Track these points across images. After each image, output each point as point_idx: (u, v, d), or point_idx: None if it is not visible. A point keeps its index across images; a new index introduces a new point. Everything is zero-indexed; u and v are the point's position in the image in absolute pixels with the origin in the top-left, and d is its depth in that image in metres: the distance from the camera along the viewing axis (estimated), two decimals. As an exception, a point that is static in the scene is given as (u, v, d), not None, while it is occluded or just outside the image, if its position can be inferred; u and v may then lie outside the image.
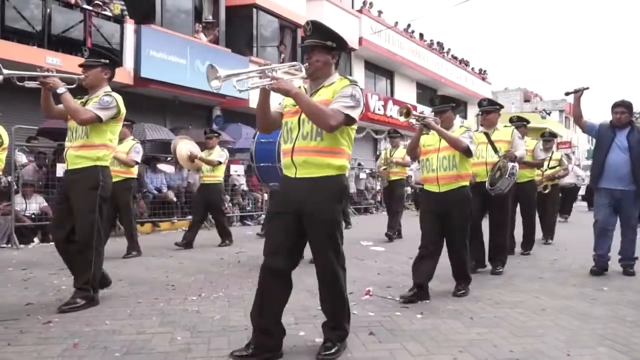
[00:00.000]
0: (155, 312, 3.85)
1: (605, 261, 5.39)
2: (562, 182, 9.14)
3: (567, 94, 5.45)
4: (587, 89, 5.30)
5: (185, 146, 7.50)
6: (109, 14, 10.69)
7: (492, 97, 34.23)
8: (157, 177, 10.59)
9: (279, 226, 2.90)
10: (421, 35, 23.77)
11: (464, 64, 27.42)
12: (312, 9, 16.13)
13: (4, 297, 4.22)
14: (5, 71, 3.65)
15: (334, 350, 2.90)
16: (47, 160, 8.95)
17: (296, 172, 2.86)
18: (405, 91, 22.66)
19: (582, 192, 17.04)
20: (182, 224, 10.33)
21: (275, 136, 4.90)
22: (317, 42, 2.88)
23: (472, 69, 28.58)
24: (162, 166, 10.58)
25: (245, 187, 12.45)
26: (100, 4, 10.57)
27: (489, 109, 5.52)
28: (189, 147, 7.50)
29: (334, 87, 2.88)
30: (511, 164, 5.07)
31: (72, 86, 4.00)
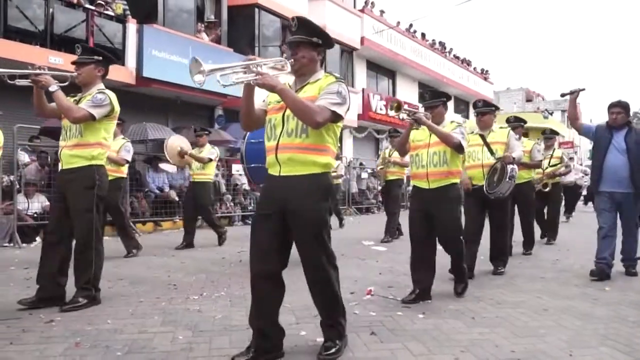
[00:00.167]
0: (157, 311, 3.86)
1: (607, 266, 5.21)
2: (563, 180, 9.06)
3: (562, 96, 5.38)
4: (583, 90, 5.22)
5: (176, 141, 7.45)
6: (111, 13, 10.72)
7: (494, 97, 34.42)
8: (159, 176, 10.60)
9: (264, 230, 2.82)
10: (423, 35, 23.77)
11: (466, 63, 27.42)
12: (314, 9, 16.14)
13: (6, 296, 4.23)
14: None
15: (334, 350, 2.88)
16: (49, 159, 8.95)
17: (280, 170, 2.81)
18: (407, 91, 22.67)
19: (584, 192, 16.56)
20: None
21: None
22: (303, 39, 2.83)
23: (474, 69, 28.59)
24: (164, 166, 10.57)
25: (247, 187, 12.44)
26: (102, 3, 10.60)
27: (484, 110, 5.39)
28: (179, 143, 7.45)
29: (319, 84, 2.83)
30: (510, 167, 4.97)
31: (65, 84, 3.92)
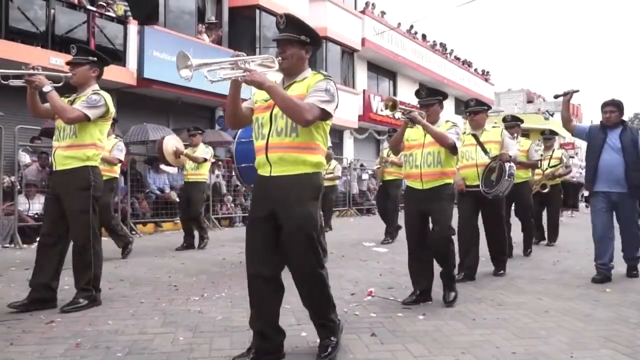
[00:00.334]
0: (157, 312, 3.86)
1: (608, 270, 5.17)
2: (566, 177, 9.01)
3: (556, 97, 5.31)
4: (576, 91, 5.18)
5: (170, 141, 7.41)
6: (112, 14, 10.74)
7: (495, 98, 34.39)
8: (159, 177, 10.61)
9: (258, 232, 2.80)
10: (424, 36, 23.78)
11: (466, 65, 27.42)
12: (315, 10, 16.16)
13: (7, 297, 4.22)
14: None
15: (330, 349, 2.86)
16: (50, 160, 8.96)
17: (271, 171, 2.77)
18: (407, 92, 22.62)
19: (585, 192, 16.62)
20: (184, 225, 10.32)
21: None
22: (290, 37, 2.80)
23: (475, 70, 28.59)
24: (164, 167, 10.59)
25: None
26: (103, 4, 10.63)
27: (477, 109, 5.28)
28: (174, 143, 7.40)
29: (307, 82, 2.79)
30: (508, 164, 4.84)
31: (59, 84, 3.90)
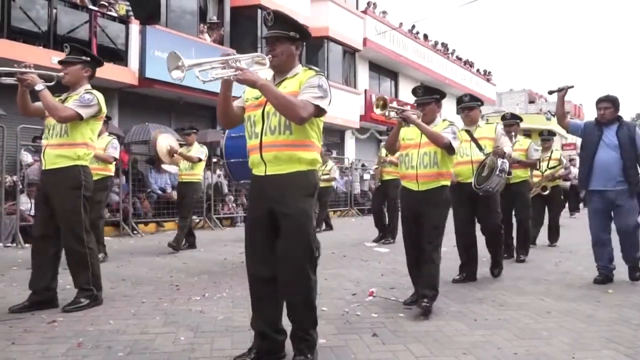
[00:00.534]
0: (159, 312, 3.86)
1: (609, 270, 5.12)
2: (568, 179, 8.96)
3: (550, 93, 5.20)
4: (571, 87, 5.10)
5: (165, 140, 7.26)
6: (114, 14, 10.76)
7: (496, 99, 34.31)
8: (161, 177, 10.62)
9: (257, 234, 2.80)
10: (425, 36, 23.76)
11: (468, 65, 27.40)
12: (317, 10, 16.15)
13: (9, 296, 4.24)
14: None
15: None
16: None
17: (266, 170, 2.74)
18: (409, 92, 22.48)
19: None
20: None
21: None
22: (280, 33, 2.75)
23: (477, 70, 28.56)
24: (166, 166, 10.58)
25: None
26: (105, 4, 10.64)
27: (471, 105, 5.14)
28: (169, 142, 7.28)
29: (299, 78, 2.75)
30: (500, 160, 4.67)
31: (51, 83, 3.87)
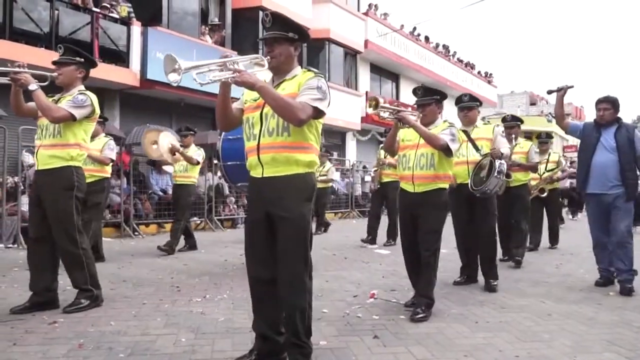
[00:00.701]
0: (159, 313, 3.86)
1: (611, 273, 5.07)
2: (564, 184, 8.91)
3: (549, 93, 5.14)
4: (571, 87, 5.02)
5: (166, 138, 7.36)
6: (116, 16, 10.78)
7: (498, 101, 34.28)
8: (162, 178, 10.63)
9: (256, 236, 2.79)
10: (427, 38, 23.77)
11: (469, 67, 27.39)
12: (318, 12, 16.17)
13: (10, 297, 4.24)
14: None
15: None
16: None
17: (263, 172, 2.71)
18: (410, 94, 22.48)
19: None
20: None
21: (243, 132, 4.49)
22: (278, 34, 2.72)
23: (478, 72, 28.55)
24: (167, 167, 10.60)
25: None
26: (107, 6, 10.67)
27: (470, 105, 5.07)
28: (170, 140, 7.39)
29: (298, 80, 2.73)
30: (498, 162, 4.57)
31: (45, 84, 3.86)
